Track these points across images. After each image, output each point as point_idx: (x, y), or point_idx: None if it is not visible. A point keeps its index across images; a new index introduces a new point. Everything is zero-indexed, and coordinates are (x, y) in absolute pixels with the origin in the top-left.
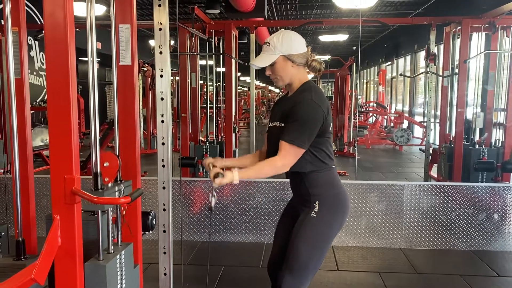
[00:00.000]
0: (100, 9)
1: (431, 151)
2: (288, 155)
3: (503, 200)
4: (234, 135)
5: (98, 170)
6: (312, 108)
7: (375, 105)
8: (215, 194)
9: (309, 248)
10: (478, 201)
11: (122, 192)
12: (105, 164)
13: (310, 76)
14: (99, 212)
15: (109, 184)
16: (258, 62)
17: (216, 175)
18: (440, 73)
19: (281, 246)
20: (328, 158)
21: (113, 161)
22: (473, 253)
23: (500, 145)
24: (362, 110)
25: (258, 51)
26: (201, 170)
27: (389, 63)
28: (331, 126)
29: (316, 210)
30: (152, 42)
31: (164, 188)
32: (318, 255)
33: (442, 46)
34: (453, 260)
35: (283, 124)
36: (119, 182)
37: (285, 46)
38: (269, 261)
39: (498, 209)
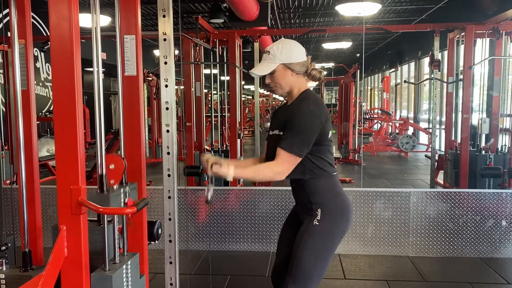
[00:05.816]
0: (105, 20)
1: (437, 158)
2: (284, 163)
3: (510, 207)
4: (238, 140)
5: (104, 172)
6: (308, 117)
7: (379, 112)
8: (211, 188)
9: (312, 257)
10: (486, 207)
11: (127, 194)
12: (110, 167)
13: (314, 83)
14: (105, 222)
15: (115, 186)
16: (257, 71)
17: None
18: (445, 79)
19: (285, 255)
20: (329, 166)
21: (119, 163)
22: (481, 260)
23: (506, 150)
24: (367, 117)
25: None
26: (206, 179)
27: (393, 69)
28: (330, 134)
29: (319, 218)
30: (156, 52)
31: (169, 197)
32: (322, 264)
33: (446, 52)
34: (461, 268)
35: (282, 133)
36: (124, 184)
37: (284, 54)
38: (273, 270)
39: (506, 215)
